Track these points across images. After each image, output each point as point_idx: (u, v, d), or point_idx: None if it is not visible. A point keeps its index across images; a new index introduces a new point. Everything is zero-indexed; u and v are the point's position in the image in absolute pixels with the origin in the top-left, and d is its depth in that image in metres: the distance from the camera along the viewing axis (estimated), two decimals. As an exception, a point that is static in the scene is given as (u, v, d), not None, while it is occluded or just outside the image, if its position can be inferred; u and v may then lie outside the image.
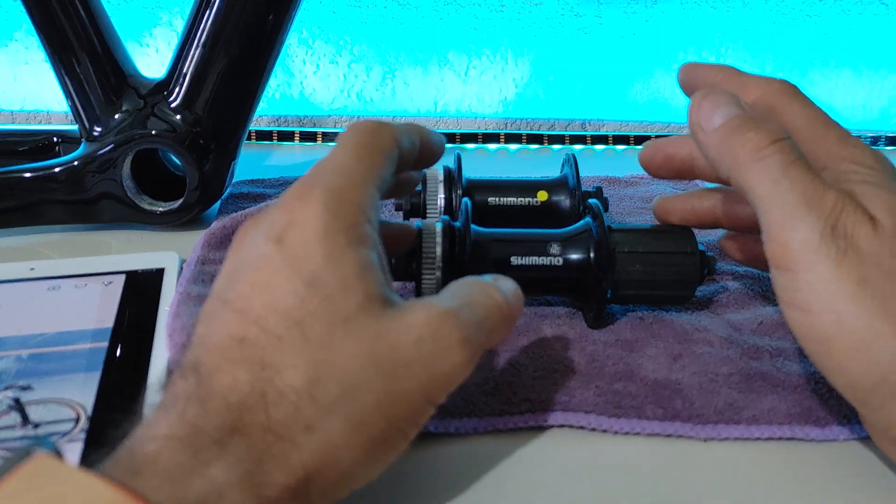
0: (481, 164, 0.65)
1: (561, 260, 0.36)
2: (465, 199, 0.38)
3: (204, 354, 0.23)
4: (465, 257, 0.35)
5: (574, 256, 0.36)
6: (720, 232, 0.48)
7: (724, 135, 0.28)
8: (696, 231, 0.38)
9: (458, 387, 0.25)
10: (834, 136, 0.29)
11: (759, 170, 0.27)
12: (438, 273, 0.35)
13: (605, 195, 0.45)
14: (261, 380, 0.22)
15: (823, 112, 0.30)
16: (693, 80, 0.34)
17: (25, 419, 0.31)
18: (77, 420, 0.31)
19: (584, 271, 0.36)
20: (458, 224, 0.37)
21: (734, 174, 0.28)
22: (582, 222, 0.38)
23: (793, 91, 0.31)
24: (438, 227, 0.36)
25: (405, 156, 0.29)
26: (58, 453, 0.20)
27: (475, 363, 0.25)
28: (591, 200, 0.38)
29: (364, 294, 0.24)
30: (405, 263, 0.36)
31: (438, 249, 0.35)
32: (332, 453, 0.22)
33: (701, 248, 0.37)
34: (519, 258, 0.36)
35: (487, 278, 0.28)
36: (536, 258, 0.36)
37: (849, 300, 0.25)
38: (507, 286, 0.28)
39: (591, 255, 0.36)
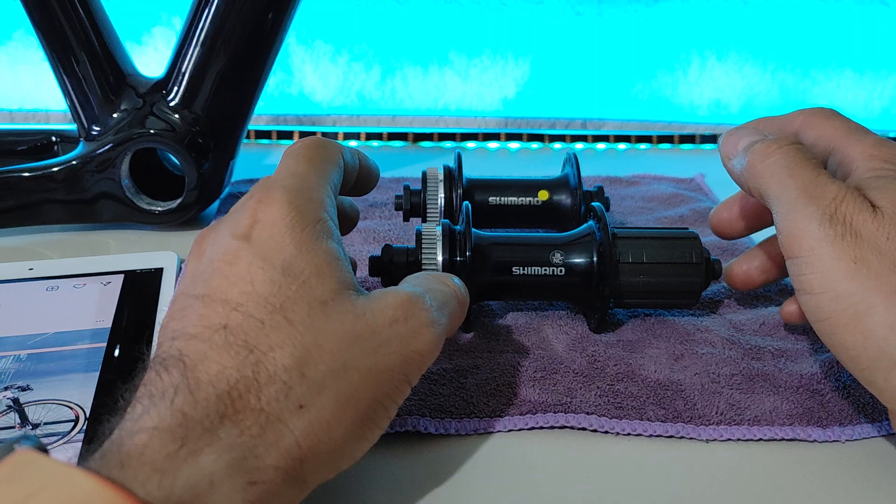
0: (482, 163, 0.64)
1: (563, 270, 0.36)
2: (466, 203, 0.38)
3: (185, 346, 0.23)
4: (465, 263, 0.35)
5: (577, 267, 0.36)
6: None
7: (744, 155, 0.32)
8: (700, 231, 0.38)
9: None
10: (870, 140, 0.31)
11: (768, 173, 0.30)
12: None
13: (606, 195, 0.45)
14: (249, 363, 0.23)
15: (862, 126, 0.32)
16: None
17: (24, 419, 0.31)
18: (76, 420, 0.31)
19: (586, 281, 0.36)
20: (458, 228, 0.36)
21: (752, 183, 0.31)
22: (585, 227, 0.37)
23: (832, 111, 0.33)
24: (438, 230, 0.36)
25: (349, 171, 0.31)
26: (42, 448, 0.20)
27: (441, 345, 0.27)
28: (594, 204, 0.38)
29: (337, 280, 0.25)
30: (404, 269, 0.35)
31: (439, 256, 0.35)
32: (324, 430, 0.23)
33: (706, 254, 0.37)
34: (520, 268, 0.36)
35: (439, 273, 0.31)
36: (539, 268, 0.36)
37: (844, 278, 0.27)
38: (457, 279, 0.30)
39: (594, 266, 0.35)
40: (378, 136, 0.68)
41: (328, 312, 0.24)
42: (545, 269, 0.36)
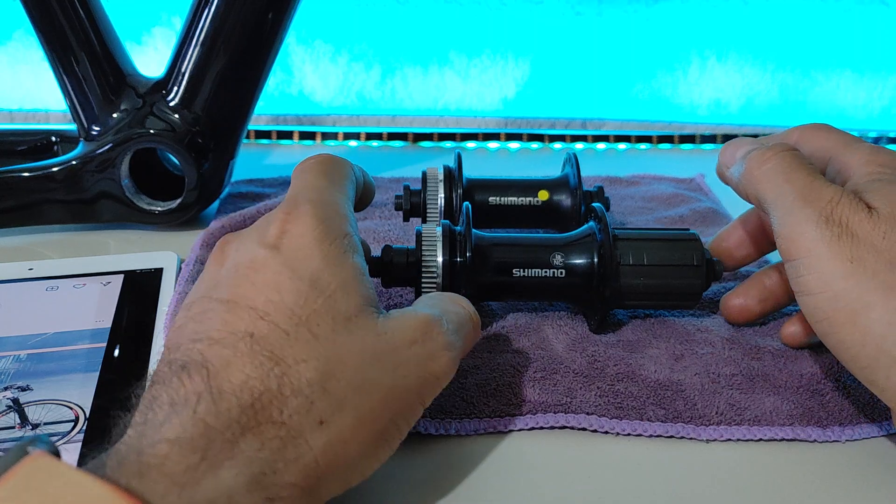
0: (482, 163, 0.64)
1: (564, 271, 0.36)
2: (466, 203, 0.37)
3: (208, 351, 0.23)
4: (465, 264, 0.35)
5: (577, 268, 0.36)
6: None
7: (741, 162, 0.32)
8: (700, 231, 0.38)
9: (446, 388, 0.27)
10: (866, 147, 0.32)
11: (766, 178, 0.31)
12: (439, 280, 0.35)
13: (606, 195, 0.44)
14: (274, 376, 0.22)
15: (858, 137, 0.33)
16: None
17: (24, 420, 0.31)
18: (76, 420, 0.31)
19: (586, 282, 0.36)
20: (458, 228, 0.36)
21: (750, 189, 0.32)
22: (585, 228, 0.37)
23: (828, 125, 0.34)
24: (438, 231, 0.35)
25: (358, 186, 0.32)
26: (55, 452, 0.20)
27: (456, 367, 0.27)
28: (595, 204, 0.38)
29: (362, 296, 0.25)
30: (404, 270, 0.35)
31: (439, 256, 0.35)
32: (342, 448, 0.23)
33: (707, 255, 0.37)
34: (521, 270, 0.36)
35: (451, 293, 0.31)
36: (539, 270, 0.36)
37: (841, 277, 0.27)
38: (467, 300, 0.31)
39: (595, 268, 0.35)
40: (378, 136, 0.68)
41: (351, 329, 0.24)
42: (545, 271, 0.36)
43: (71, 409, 0.32)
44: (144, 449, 0.21)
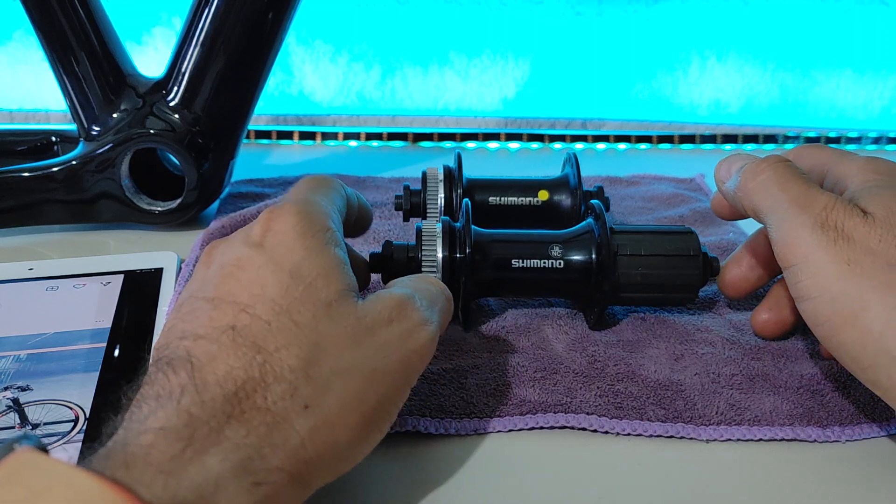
0: (482, 163, 0.64)
1: (562, 263, 0.36)
2: (466, 200, 0.38)
3: (193, 346, 0.23)
4: (465, 259, 0.35)
5: (575, 259, 0.36)
6: (727, 234, 0.48)
7: (736, 176, 0.33)
8: (700, 231, 0.38)
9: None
10: (861, 159, 0.32)
11: (761, 189, 0.31)
12: (438, 275, 0.35)
13: (606, 194, 0.45)
14: (256, 364, 0.23)
15: (849, 151, 0.34)
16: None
17: (24, 419, 0.31)
18: (76, 420, 0.31)
19: (585, 274, 0.36)
20: (458, 225, 0.36)
21: (745, 201, 0.32)
22: (583, 224, 0.38)
23: (819, 145, 0.35)
24: (438, 227, 0.36)
25: (351, 203, 0.33)
26: (42, 448, 0.20)
27: (436, 343, 0.28)
28: (593, 201, 0.38)
29: (342, 283, 0.26)
30: (404, 265, 0.36)
31: (439, 252, 0.35)
32: (329, 432, 0.23)
33: (704, 249, 0.37)
34: (520, 261, 0.36)
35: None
36: (537, 261, 0.36)
37: (839, 279, 0.28)
38: (437, 279, 0.31)
39: (593, 258, 0.36)
40: (378, 136, 0.68)
41: (332, 315, 0.25)
42: (544, 262, 0.36)
43: (71, 409, 0.32)
44: (130, 440, 0.21)
